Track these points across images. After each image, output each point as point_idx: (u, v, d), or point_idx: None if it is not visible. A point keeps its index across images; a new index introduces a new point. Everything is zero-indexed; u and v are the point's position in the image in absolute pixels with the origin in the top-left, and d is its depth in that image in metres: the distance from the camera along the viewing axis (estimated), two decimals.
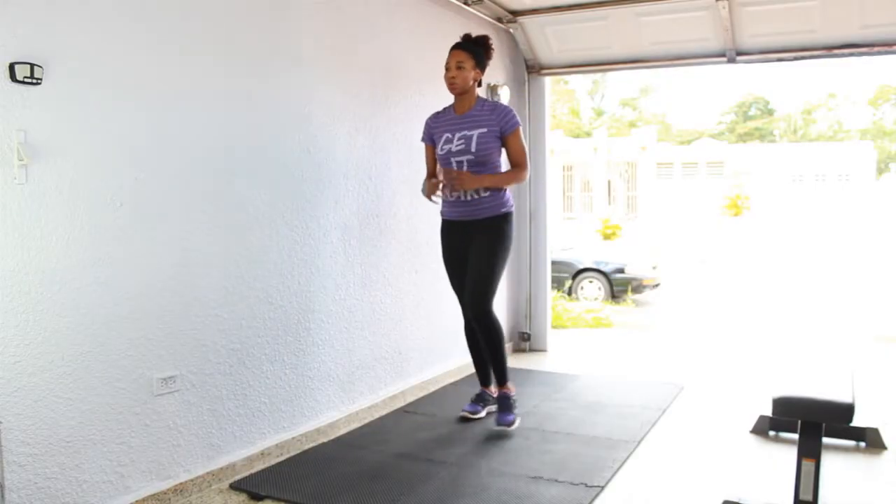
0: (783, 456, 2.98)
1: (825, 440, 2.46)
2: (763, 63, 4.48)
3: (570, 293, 9.48)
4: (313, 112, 3.17)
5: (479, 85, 3.33)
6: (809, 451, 2.29)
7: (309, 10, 3.14)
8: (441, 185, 3.28)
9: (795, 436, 2.39)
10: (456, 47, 3.24)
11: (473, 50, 3.23)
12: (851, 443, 3.13)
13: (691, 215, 24.71)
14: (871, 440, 3.10)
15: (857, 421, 2.68)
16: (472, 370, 3.63)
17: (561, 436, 3.25)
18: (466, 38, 3.27)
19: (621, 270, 9.64)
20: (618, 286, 9.54)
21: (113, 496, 2.36)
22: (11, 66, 2.01)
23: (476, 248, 3.25)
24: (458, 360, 4.22)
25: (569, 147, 26.92)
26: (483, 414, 3.49)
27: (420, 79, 3.86)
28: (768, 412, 2.51)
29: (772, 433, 3.27)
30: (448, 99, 3.37)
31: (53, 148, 2.14)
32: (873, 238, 17.76)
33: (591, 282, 9.69)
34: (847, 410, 2.22)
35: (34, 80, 2.06)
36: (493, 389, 3.50)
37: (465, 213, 3.28)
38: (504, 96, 4.63)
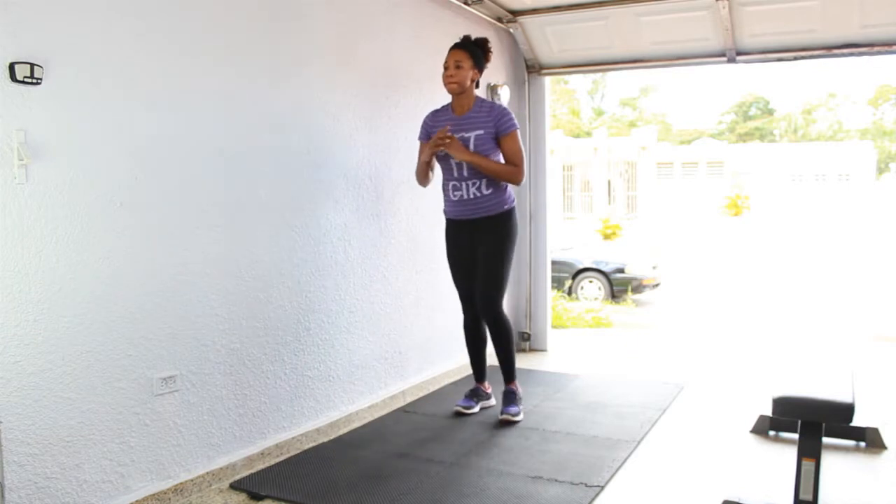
0: (783, 456, 2.98)
1: (825, 440, 2.46)
2: (763, 63, 4.48)
3: (570, 293, 9.48)
4: (313, 112, 3.17)
5: (478, 86, 3.36)
6: (809, 451, 2.29)
7: (308, 10, 3.14)
8: (433, 156, 3.29)
9: (795, 436, 2.40)
10: (455, 47, 3.28)
11: (472, 50, 3.28)
12: (851, 443, 3.13)
13: (691, 215, 24.72)
14: (871, 440, 3.10)
15: (857, 421, 2.68)
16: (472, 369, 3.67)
17: (561, 436, 3.25)
18: (466, 38, 3.32)
19: (621, 270, 9.65)
20: (618, 286, 9.55)
21: (113, 496, 2.36)
22: (11, 66, 2.01)
23: (483, 249, 3.33)
24: (457, 360, 4.22)
25: (569, 147, 26.93)
26: (476, 409, 3.55)
27: (420, 79, 3.86)
28: (768, 412, 2.52)
29: (772, 433, 3.27)
30: (447, 97, 3.39)
31: (53, 148, 2.14)
32: (873, 238, 17.77)
33: (591, 282, 9.69)
34: (847, 410, 2.22)
35: (34, 80, 2.06)
36: (487, 385, 3.61)
37: (468, 211, 3.34)
38: (504, 96, 4.63)
